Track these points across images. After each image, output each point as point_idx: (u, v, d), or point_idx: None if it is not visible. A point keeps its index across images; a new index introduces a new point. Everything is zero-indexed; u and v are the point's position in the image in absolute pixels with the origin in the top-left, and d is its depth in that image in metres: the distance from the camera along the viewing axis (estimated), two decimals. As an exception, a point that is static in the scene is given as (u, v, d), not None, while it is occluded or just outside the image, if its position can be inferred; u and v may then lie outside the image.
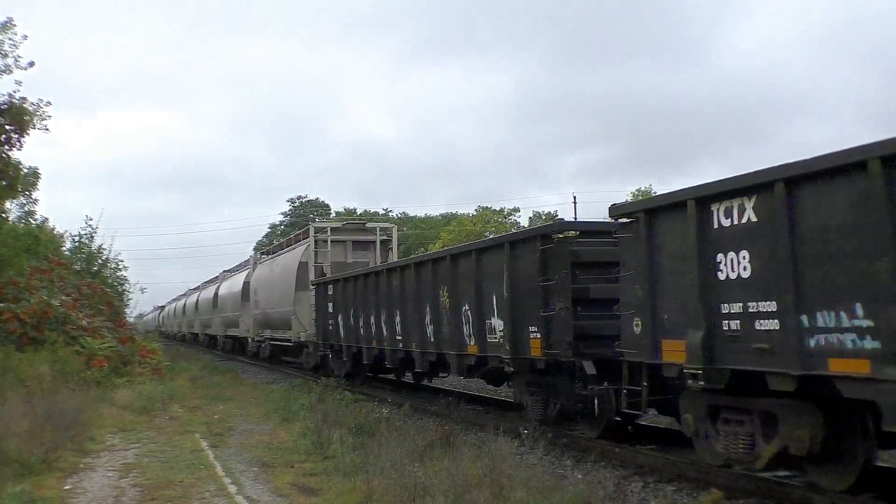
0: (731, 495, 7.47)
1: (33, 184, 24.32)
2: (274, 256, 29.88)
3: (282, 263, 27.04)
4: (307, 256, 23.97)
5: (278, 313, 26.08)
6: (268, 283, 28.31)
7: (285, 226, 69.81)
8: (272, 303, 27.13)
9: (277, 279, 26.69)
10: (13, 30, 17.96)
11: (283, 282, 25.67)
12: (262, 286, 29.09)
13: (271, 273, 28.24)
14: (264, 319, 28.77)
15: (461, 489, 6.95)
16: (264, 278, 29.26)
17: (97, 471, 9.39)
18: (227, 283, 39.98)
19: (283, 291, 25.34)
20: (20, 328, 17.28)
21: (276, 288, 26.67)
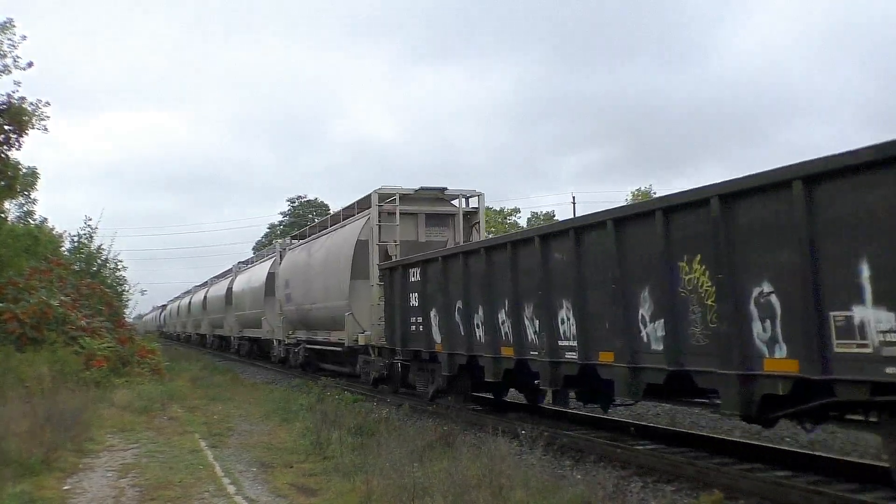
0: (731, 495, 7.46)
1: (32, 184, 24.32)
2: (314, 238, 24.14)
3: (329, 246, 21.23)
4: (368, 233, 18.28)
5: (323, 309, 20.90)
6: (305, 272, 23.07)
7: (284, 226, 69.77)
8: (312, 297, 22.01)
9: (322, 266, 21.32)
10: (12, 30, 17.94)
11: (331, 269, 20.27)
12: (298, 277, 23.92)
13: (311, 259, 22.82)
14: (300, 317, 23.79)
15: (460, 489, 6.95)
16: (300, 267, 23.95)
17: (96, 471, 9.39)
18: (244, 277, 35.46)
19: (332, 282, 19.91)
20: (20, 328, 17.28)
21: (319, 278, 21.39)
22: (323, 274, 20.95)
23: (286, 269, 25.97)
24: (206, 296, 46.65)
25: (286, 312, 25.40)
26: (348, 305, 18.42)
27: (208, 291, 46.60)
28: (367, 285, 18.10)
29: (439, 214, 18.76)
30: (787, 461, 8.74)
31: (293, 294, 24.25)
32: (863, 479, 7.71)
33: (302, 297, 23.13)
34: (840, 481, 7.68)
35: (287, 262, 26.25)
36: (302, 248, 24.98)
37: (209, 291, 46.31)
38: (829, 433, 10.31)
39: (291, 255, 26.12)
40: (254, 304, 30.98)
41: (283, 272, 26.29)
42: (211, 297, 44.36)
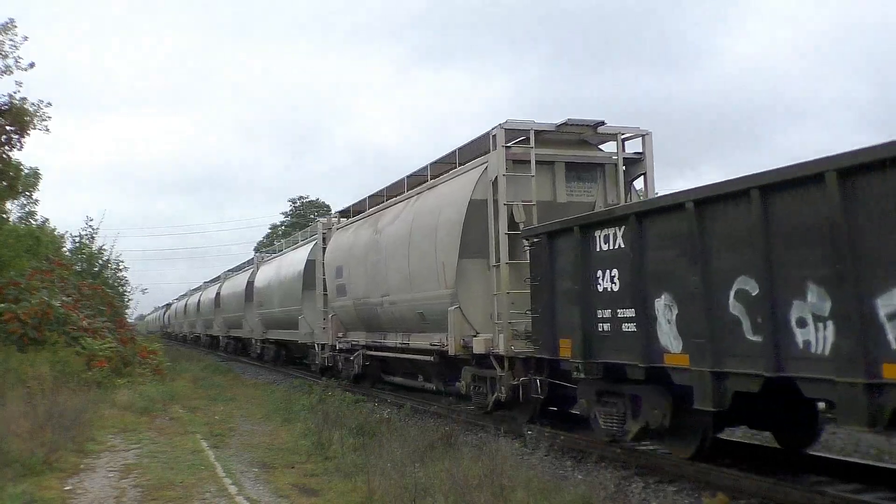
0: (732, 496, 7.46)
1: (34, 184, 24.31)
2: (382, 209, 17.81)
3: (416, 213, 14.99)
4: (485, 190, 12.57)
5: (403, 304, 15.33)
6: (369, 255, 17.29)
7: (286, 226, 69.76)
8: (383, 287, 16.33)
9: (402, 244, 15.26)
10: (14, 31, 17.96)
11: (421, 247, 14.33)
12: (356, 262, 18.27)
13: (379, 237, 16.71)
14: (361, 316, 18.30)
15: (462, 490, 6.95)
16: (360, 249, 18.04)
17: (98, 471, 9.39)
18: (269, 268, 29.98)
19: (423, 265, 14.18)
20: (21, 329, 17.29)
21: (395, 261, 15.61)
22: (404, 255, 15.06)
23: (336, 253, 20.24)
24: (219, 292, 41.48)
25: (337, 309, 20.20)
26: (453, 297, 12.87)
27: (222, 287, 41.41)
28: (481, 266, 12.61)
29: (586, 164, 13.00)
30: (788, 461, 8.74)
31: (350, 285, 18.74)
32: (863, 480, 7.72)
33: (364, 289, 17.57)
34: (840, 481, 7.68)
35: (337, 243, 20.61)
36: (361, 225, 19.02)
37: (223, 287, 41.02)
38: (829, 433, 10.31)
39: (342, 235, 20.59)
40: (286, 300, 25.87)
41: (330, 258, 20.75)
42: (226, 294, 39.20)
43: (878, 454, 9.65)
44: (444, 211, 13.60)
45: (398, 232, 15.71)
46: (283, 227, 69.85)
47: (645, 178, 13.07)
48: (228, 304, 38.12)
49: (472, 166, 13.40)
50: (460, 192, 13.24)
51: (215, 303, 42.16)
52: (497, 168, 12.34)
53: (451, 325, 12.98)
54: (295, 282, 24.85)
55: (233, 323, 37.90)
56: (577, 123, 12.79)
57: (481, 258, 12.68)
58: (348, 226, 20.59)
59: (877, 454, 9.66)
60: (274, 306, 27.84)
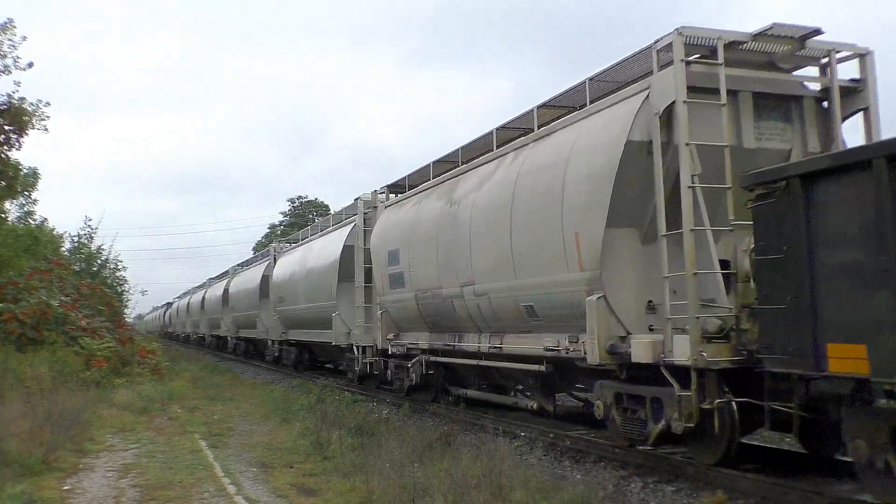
0: (731, 496, 7.46)
1: (33, 184, 24.28)
2: (456, 175, 13.69)
3: (528, 168, 10.87)
4: (646, 127, 8.79)
5: (501, 296, 11.43)
6: (436, 235, 13.44)
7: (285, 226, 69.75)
8: (462, 272, 12.44)
9: (494, 215, 11.50)
10: (13, 31, 17.95)
11: (530, 216, 10.55)
12: (417, 246, 14.24)
13: (455, 209, 12.84)
14: (420, 312, 14.39)
15: (461, 489, 6.95)
16: (423, 229, 14.04)
17: (96, 471, 9.39)
18: (290, 260, 25.64)
19: (534, 241, 10.44)
20: (19, 329, 17.28)
21: (481, 238, 11.88)
22: (501, 229, 11.13)
23: (388, 235, 15.85)
24: (227, 288, 37.29)
25: (389, 305, 15.83)
26: (593, 282, 9.10)
27: (231, 282, 37.04)
28: (634, 239, 9.12)
29: (780, 95, 9.24)
30: (788, 461, 8.74)
31: (410, 273, 14.44)
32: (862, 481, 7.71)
33: (432, 278, 13.53)
34: (840, 482, 7.68)
35: (389, 223, 16.15)
36: (425, 198, 14.65)
37: (232, 282, 36.62)
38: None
39: (396, 212, 15.99)
40: (315, 295, 21.59)
41: (380, 242, 16.23)
42: (236, 290, 34.97)
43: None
44: (578, 161, 9.43)
45: (491, 199, 11.54)
46: (282, 226, 69.84)
47: (866, 115, 9.32)
48: (239, 302, 33.70)
49: (623, 96, 9.34)
50: (608, 131, 9.02)
51: (223, 300, 37.69)
52: (671, 93, 8.43)
53: (592, 321, 8.85)
54: (328, 273, 20.40)
55: (244, 322, 33.39)
56: (782, 33, 8.85)
57: (634, 228, 8.93)
58: (403, 201, 15.92)
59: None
60: (298, 302, 23.64)
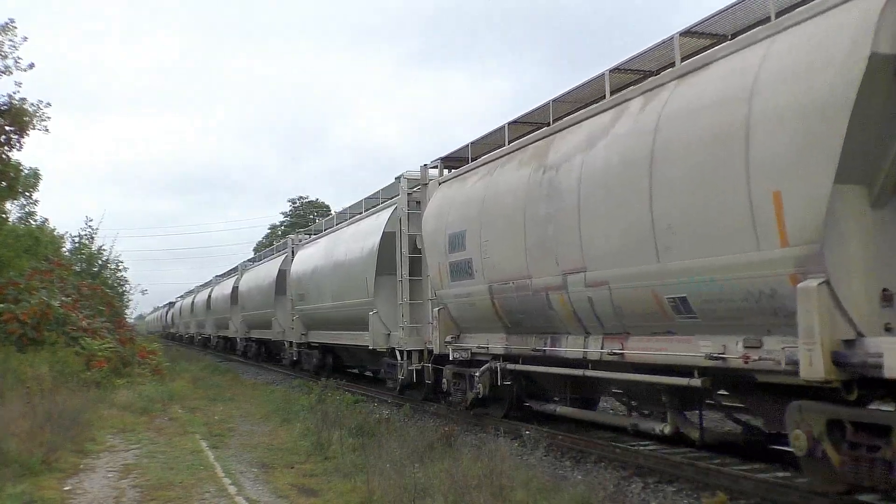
0: (731, 496, 7.46)
1: (34, 185, 24.31)
2: (547, 136, 10.88)
3: (680, 111, 7.90)
4: (892, 33, 5.86)
5: (633, 286, 8.47)
6: (521, 210, 10.66)
7: (286, 226, 69.79)
8: (564, 257, 9.65)
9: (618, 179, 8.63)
10: (13, 31, 17.96)
11: (689, 174, 7.59)
12: (491, 226, 11.58)
13: (551, 177, 10.00)
14: (496, 308, 11.56)
15: (461, 490, 6.95)
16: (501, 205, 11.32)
17: (97, 471, 9.39)
18: (311, 252, 22.91)
19: (695, 206, 7.51)
20: (20, 329, 17.29)
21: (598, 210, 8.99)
22: (632, 196, 8.40)
23: (447, 216, 12.98)
24: (236, 286, 34.53)
25: (450, 300, 13.02)
26: (804, 261, 6.44)
27: (241, 279, 34.14)
28: (856, 200, 6.41)
29: None
30: (788, 461, 8.73)
31: (482, 260, 11.67)
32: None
33: (517, 264, 10.72)
34: (841, 482, 7.66)
35: (446, 201, 13.27)
36: (499, 167, 11.90)
37: (243, 279, 33.82)
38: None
39: (457, 188, 13.17)
40: (346, 291, 18.61)
41: (436, 224, 13.37)
42: (246, 288, 32.15)
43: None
44: (775, 91, 6.77)
45: (612, 158, 8.75)
46: (283, 227, 69.87)
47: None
48: (251, 300, 31.08)
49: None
50: (832, 43, 6.32)
51: (231, 298, 34.97)
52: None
53: (811, 318, 6.24)
54: (362, 266, 17.35)
55: (257, 322, 30.64)
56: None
57: (863, 185, 6.35)
58: (467, 174, 13.04)
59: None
60: (323, 300, 20.78)
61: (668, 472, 8.60)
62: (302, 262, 23.66)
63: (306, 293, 22.50)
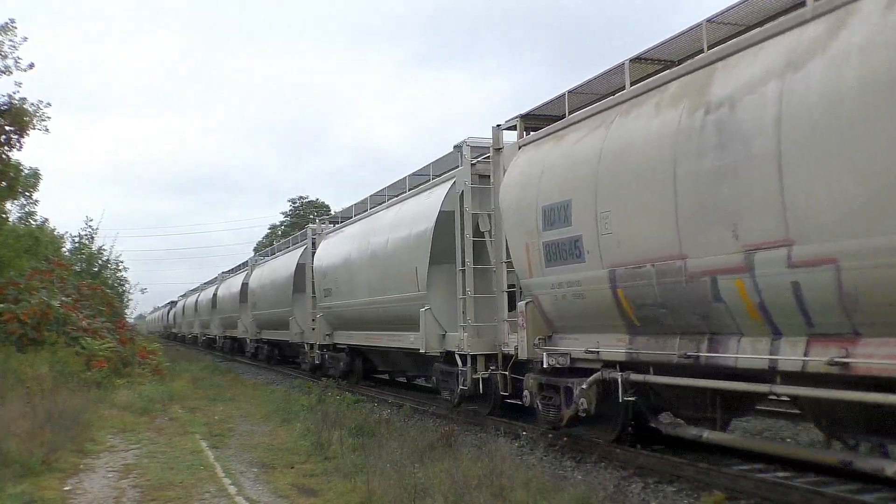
0: (731, 496, 7.46)
1: (34, 185, 24.33)
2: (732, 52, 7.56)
3: None
4: None
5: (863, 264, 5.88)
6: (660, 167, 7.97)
7: (286, 226, 69.79)
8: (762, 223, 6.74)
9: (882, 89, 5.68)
10: (13, 31, 17.95)
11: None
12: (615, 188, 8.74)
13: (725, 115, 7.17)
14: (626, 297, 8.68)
15: (461, 490, 6.95)
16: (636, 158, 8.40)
17: (97, 471, 9.39)
18: (342, 241, 19.73)
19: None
20: (20, 329, 17.30)
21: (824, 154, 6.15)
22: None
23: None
24: (246, 282, 31.99)
25: (542, 292, 10.34)
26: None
27: (251, 275, 31.56)
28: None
29: None
30: (788, 461, 8.73)
31: (614, 234, 8.80)
32: (863, 480, 7.70)
33: (673, 238, 7.92)
34: (840, 482, 7.67)
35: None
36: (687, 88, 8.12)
37: (253, 275, 31.13)
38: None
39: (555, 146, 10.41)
40: (390, 282, 15.60)
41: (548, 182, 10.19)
42: (259, 284, 29.15)
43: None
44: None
45: (841, 83, 6.21)
46: (283, 227, 69.87)
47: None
48: (263, 298, 28.34)
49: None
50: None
51: (241, 296, 32.41)
52: None
53: None
54: (411, 253, 14.48)
55: (270, 322, 28.02)
56: None
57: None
58: (564, 130, 10.37)
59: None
60: (356, 295, 17.68)
61: (668, 472, 8.60)
62: (327, 253, 20.75)
63: (333, 288, 19.65)
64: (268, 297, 27.89)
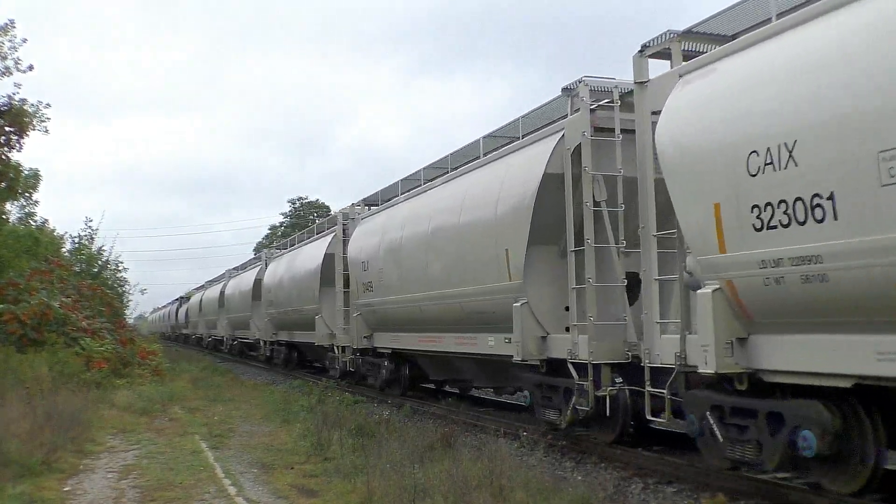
0: (732, 497, 7.45)
1: (34, 185, 24.30)
2: None
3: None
4: None
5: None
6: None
7: (285, 227, 69.79)
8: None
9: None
10: (13, 32, 17.95)
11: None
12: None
13: None
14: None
15: (461, 490, 6.94)
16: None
17: (97, 472, 9.39)
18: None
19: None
20: (20, 329, 17.30)
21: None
22: None
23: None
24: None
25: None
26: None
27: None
28: None
29: None
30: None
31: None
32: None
33: None
34: (841, 482, 7.63)
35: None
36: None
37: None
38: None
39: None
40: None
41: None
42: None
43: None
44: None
45: None
46: (283, 227, 69.90)
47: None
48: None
49: None
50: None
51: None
52: None
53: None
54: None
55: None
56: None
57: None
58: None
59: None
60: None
61: (668, 473, 8.60)
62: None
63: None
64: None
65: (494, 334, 11.54)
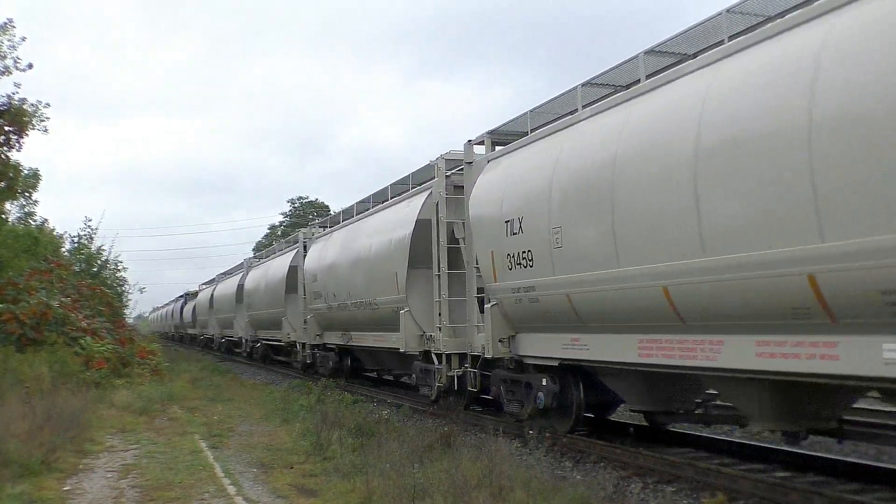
0: (731, 496, 7.46)
1: (34, 185, 24.31)
2: None
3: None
4: None
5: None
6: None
7: (285, 227, 69.80)
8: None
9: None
10: (12, 32, 17.95)
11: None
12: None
13: None
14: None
15: (461, 490, 6.94)
16: None
17: (96, 472, 9.38)
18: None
19: None
20: (19, 329, 17.28)
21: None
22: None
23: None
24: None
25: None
26: None
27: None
28: None
29: None
30: (787, 462, 8.74)
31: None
32: (863, 480, 7.71)
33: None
34: (840, 482, 7.68)
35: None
36: None
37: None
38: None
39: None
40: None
41: None
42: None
43: (877, 455, 9.65)
44: None
45: None
46: (283, 227, 69.89)
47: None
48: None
49: None
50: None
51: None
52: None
53: None
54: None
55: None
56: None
57: None
58: None
59: (876, 454, 9.66)
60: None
61: (668, 472, 8.60)
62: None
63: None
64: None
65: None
